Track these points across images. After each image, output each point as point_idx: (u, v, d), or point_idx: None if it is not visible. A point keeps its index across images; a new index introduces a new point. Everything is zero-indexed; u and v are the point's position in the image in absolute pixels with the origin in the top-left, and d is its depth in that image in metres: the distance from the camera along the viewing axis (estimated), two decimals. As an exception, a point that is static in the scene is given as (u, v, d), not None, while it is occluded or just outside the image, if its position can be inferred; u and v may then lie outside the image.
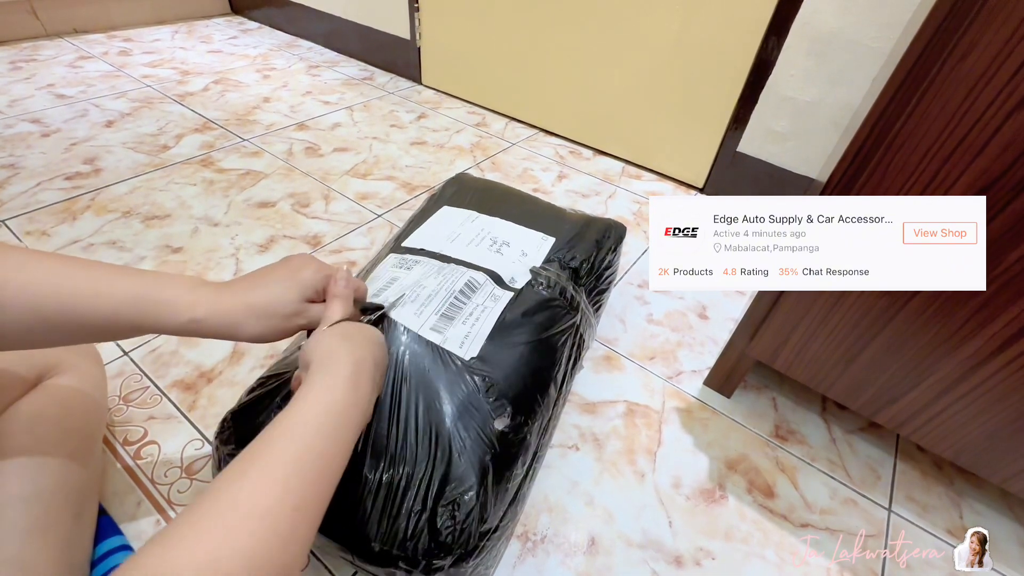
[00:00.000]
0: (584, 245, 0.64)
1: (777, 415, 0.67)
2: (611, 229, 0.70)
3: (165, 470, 0.54)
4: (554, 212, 0.70)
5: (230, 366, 0.65)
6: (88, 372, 0.48)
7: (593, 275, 0.64)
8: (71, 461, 0.42)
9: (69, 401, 0.45)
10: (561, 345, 0.53)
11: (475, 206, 0.65)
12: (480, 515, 0.39)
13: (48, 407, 0.43)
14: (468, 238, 0.59)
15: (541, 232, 0.63)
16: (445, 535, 0.38)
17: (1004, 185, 0.39)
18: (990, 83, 0.36)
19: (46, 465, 0.40)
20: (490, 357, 0.46)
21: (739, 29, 0.95)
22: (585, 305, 0.60)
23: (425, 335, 0.45)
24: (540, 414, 0.48)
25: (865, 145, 0.43)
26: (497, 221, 0.63)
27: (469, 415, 0.42)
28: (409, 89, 1.48)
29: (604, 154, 1.26)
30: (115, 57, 1.44)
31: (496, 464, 0.42)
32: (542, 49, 1.23)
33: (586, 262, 0.63)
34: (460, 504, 0.39)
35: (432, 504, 0.39)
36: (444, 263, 0.54)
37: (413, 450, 0.40)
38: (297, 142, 1.15)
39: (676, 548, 0.53)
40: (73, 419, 0.44)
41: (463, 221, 0.62)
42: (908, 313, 0.47)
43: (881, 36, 0.82)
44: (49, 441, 0.41)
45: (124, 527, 0.48)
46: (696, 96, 1.07)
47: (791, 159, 1.01)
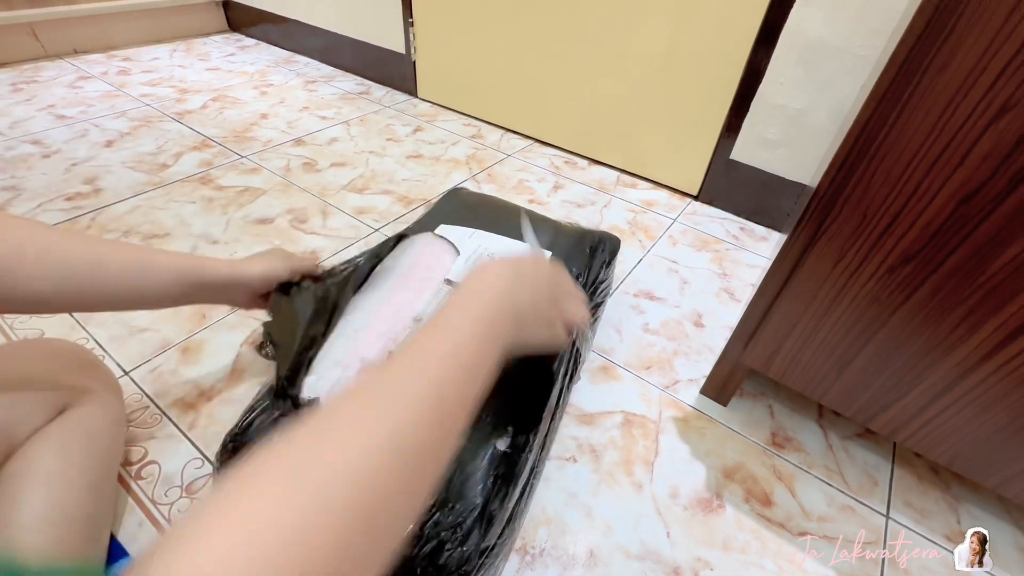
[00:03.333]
0: (580, 258, 0.65)
1: (774, 422, 0.67)
2: (605, 241, 0.71)
3: (166, 489, 0.54)
4: (549, 225, 0.71)
5: (229, 385, 0.65)
6: (111, 402, 0.50)
7: (589, 288, 0.64)
8: (93, 486, 0.44)
9: (94, 428, 0.46)
10: (560, 362, 0.53)
11: (471, 222, 0.66)
12: (481, 536, 0.39)
13: (75, 433, 0.44)
14: (465, 255, 0.59)
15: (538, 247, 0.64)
16: (445, 558, 0.38)
17: (986, 194, 0.39)
18: (969, 94, 0.37)
19: (71, 489, 0.41)
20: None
21: (729, 39, 0.97)
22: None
23: None
24: (540, 431, 0.48)
25: (850, 156, 0.44)
26: (493, 236, 0.63)
27: (470, 437, 0.43)
28: (405, 102, 1.50)
29: (599, 163, 1.27)
30: (114, 77, 1.46)
31: (497, 485, 0.42)
32: (536, 60, 1.24)
33: (582, 276, 0.63)
34: (461, 527, 0.39)
35: (431, 529, 0.38)
36: (447, 287, 0.54)
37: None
38: (295, 158, 1.16)
39: (674, 559, 0.53)
40: (97, 446, 0.46)
41: (460, 238, 0.63)
42: (898, 320, 0.48)
43: (868, 44, 0.83)
44: (75, 465, 0.42)
45: (126, 547, 0.49)
46: (689, 105, 1.08)
47: (783, 166, 1.02)
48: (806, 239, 0.49)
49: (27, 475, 0.39)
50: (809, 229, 0.48)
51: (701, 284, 0.90)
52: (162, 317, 0.73)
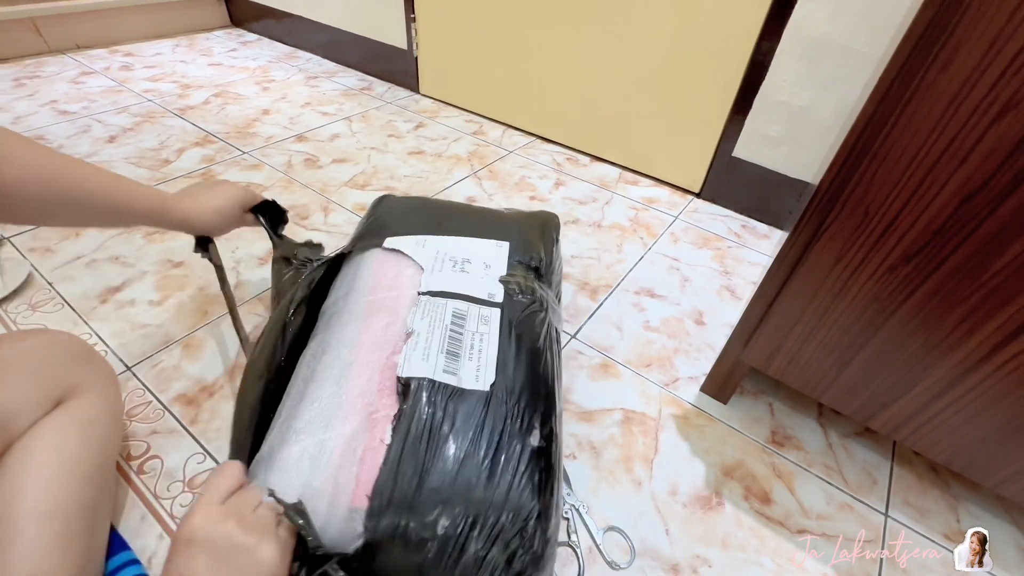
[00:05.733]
0: (535, 243, 0.65)
1: (774, 420, 0.67)
2: (549, 221, 0.72)
3: (168, 484, 0.55)
4: (494, 216, 0.69)
5: (231, 380, 0.65)
6: (107, 394, 0.50)
7: (550, 268, 0.64)
8: (90, 480, 0.44)
9: (91, 421, 0.46)
10: (548, 344, 0.54)
11: (414, 229, 0.62)
12: (544, 534, 0.40)
13: (71, 427, 0.44)
14: (429, 265, 0.56)
15: (493, 239, 0.62)
16: (516, 563, 0.38)
17: (989, 192, 0.39)
18: (972, 92, 0.37)
19: (68, 483, 0.41)
20: (503, 379, 0.46)
21: (732, 35, 0.96)
22: (552, 299, 0.60)
23: (440, 379, 0.44)
24: (557, 415, 0.49)
25: (852, 154, 0.43)
26: (448, 239, 0.61)
27: (506, 442, 0.42)
28: (407, 99, 1.50)
29: (601, 160, 1.27)
30: (117, 72, 1.46)
31: (543, 479, 0.42)
32: (538, 57, 1.24)
33: (543, 259, 0.63)
34: (524, 532, 0.39)
35: (500, 538, 0.38)
36: (423, 298, 0.52)
37: (466, 495, 0.39)
38: (296, 154, 1.16)
39: (673, 556, 0.53)
40: (94, 439, 0.46)
41: (413, 248, 0.58)
42: (898, 319, 0.48)
43: (872, 41, 0.83)
44: (71, 459, 0.42)
45: (129, 541, 0.49)
46: (691, 102, 1.08)
47: (786, 163, 1.01)
48: (807, 237, 0.49)
49: (25, 468, 0.40)
50: (810, 227, 0.48)
51: (702, 282, 0.90)
52: (165, 314, 0.74)
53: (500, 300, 0.54)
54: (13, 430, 0.41)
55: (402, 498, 0.38)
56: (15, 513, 0.38)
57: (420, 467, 0.39)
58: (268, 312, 0.76)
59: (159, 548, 0.50)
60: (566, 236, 0.98)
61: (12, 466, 0.40)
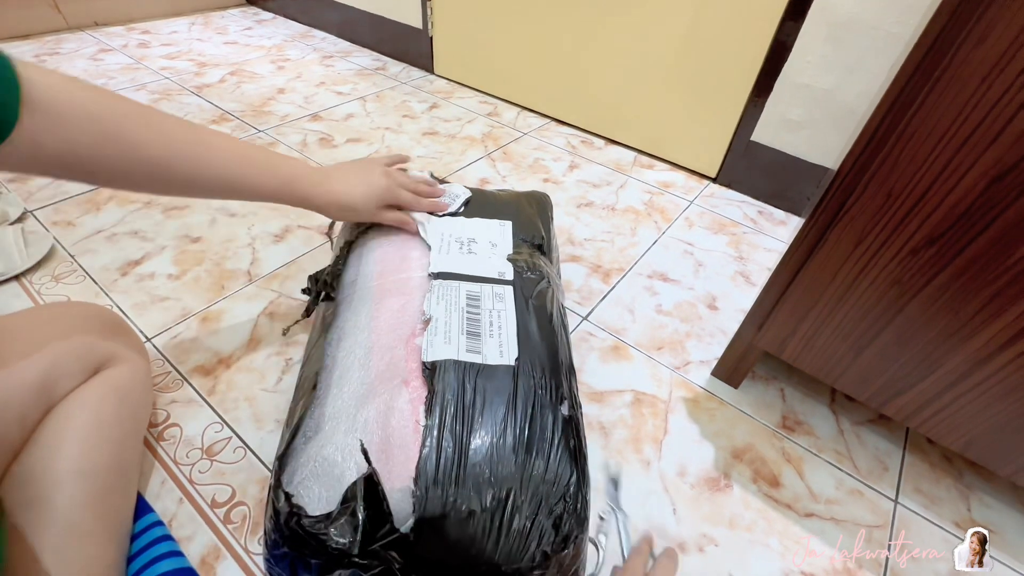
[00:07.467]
0: (535, 220, 0.65)
1: (785, 406, 0.67)
2: (543, 200, 0.72)
3: (187, 451, 0.56)
4: (492, 196, 0.69)
5: (247, 352, 0.67)
6: (139, 365, 0.52)
7: (551, 246, 0.65)
8: (123, 443, 0.47)
9: (125, 389, 0.48)
10: (559, 318, 0.54)
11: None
12: (584, 497, 0.41)
13: (108, 393, 0.46)
14: (436, 245, 0.56)
15: (496, 219, 0.63)
16: (563, 527, 0.39)
17: (1018, 175, 0.38)
18: (1006, 69, 0.36)
19: (103, 445, 0.44)
20: (526, 352, 0.47)
21: (754, 14, 0.94)
22: (555, 276, 0.60)
23: (465, 359, 0.45)
24: (576, 387, 0.49)
25: (877, 133, 0.42)
26: (451, 220, 0.61)
27: (539, 414, 0.43)
28: (421, 79, 1.48)
29: (616, 143, 1.25)
30: (134, 49, 1.47)
31: (577, 447, 0.43)
32: (554, 38, 1.22)
33: (544, 237, 0.64)
34: (567, 497, 0.40)
35: (544, 505, 0.39)
36: (435, 281, 0.52)
37: (508, 467, 0.40)
38: (311, 133, 1.16)
39: (679, 534, 0.53)
40: (128, 405, 0.48)
41: (419, 230, 0.59)
42: (917, 304, 0.47)
43: (901, 21, 0.80)
44: (107, 424, 0.45)
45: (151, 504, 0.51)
46: (709, 84, 1.05)
47: (806, 148, 0.99)
48: (827, 218, 0.48)
49: (64, 430, 0.42)
50: (831, 208, 0.47)
51: (716, 267, 0.90)
52: (183, 287, 0.75)
53: (511, 278, 0.54)
54: (55, 395, 0.43)
55: (446, 475, 0.38)
56: (55, 469, 0.40)
57: (459, 443, 0.40)
58: (282, 291, 0.77)
59: (179, 511, 0.51)
60: (579, 219, 0.98)
61: (53, 428, 0.42)
